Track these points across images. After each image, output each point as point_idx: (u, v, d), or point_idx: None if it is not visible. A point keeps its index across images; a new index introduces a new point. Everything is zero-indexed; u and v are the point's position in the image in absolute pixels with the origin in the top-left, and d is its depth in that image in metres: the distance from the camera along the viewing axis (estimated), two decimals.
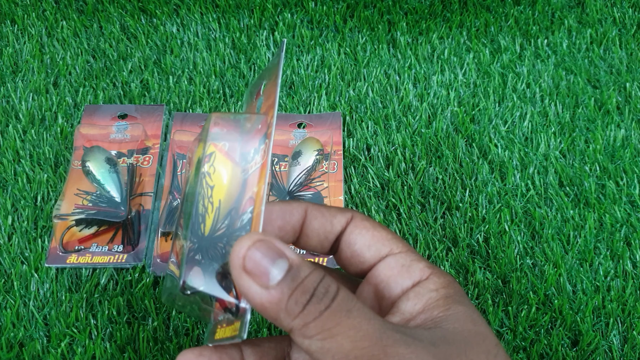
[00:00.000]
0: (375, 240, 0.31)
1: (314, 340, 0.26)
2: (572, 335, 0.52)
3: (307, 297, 0.26)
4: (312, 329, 0.26)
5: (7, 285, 0.53)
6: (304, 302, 0.26)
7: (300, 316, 0.26)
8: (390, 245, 0.31)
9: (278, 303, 0.26)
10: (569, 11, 0.78)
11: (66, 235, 0.55)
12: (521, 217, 0.58)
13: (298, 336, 0.26)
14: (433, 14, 0.77)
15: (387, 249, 0.31)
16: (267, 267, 0.26)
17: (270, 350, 0.31)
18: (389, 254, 0.31)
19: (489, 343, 0.29)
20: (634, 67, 0.72)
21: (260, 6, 0.75)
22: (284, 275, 0.26)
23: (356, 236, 0.31)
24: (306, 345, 0.26)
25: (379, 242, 0.31)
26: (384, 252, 0.31)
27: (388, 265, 0.31)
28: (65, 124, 0.64)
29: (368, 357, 0.26)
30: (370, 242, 0.31)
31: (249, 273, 0.26)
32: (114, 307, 0.52)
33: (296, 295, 0.26)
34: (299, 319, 0.26)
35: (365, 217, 0.32)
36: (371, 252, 0.31)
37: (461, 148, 0.63)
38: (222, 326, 0.29)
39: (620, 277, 0.55)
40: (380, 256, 0.31)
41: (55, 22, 0.74)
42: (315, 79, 0.69)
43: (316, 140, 0.62)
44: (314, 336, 0.26)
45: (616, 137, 0.65)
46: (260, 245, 0.26)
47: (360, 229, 0.32)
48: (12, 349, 0.49)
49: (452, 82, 0.69)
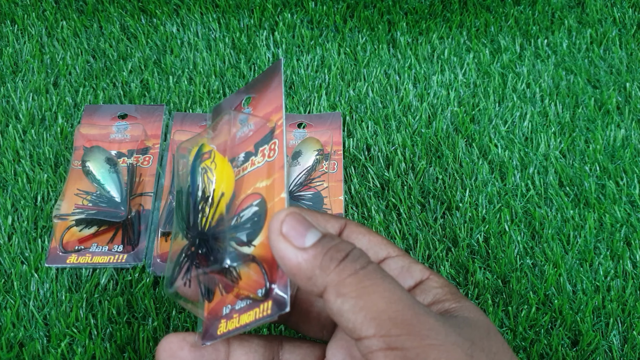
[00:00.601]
0: (372, 244, 0.32)
1: (348, 297, 0.26)
2: (572, 335, 0.52)
3: (342, 255, 0.27)
4: (348, 285, 0.26)
5: (7, 285, 0.53)
6: (339, 259, 0.27)
7: (336, 271, 0.27)
8: (386, 249, 0.32)
9: (313, 260, 0.27)
10: (569, 11, 0.78)
11: (66, 235, 0.55)
12: (521, 217, 0.58)
13: (331, 294, 0.27)
14: (433, 14, 0.77)
15: (384, 252, 0.32)
16: (303, 231, 0.28)
17: (259, 347, 0.31)
18: (387, 257, 0.32)
19: (498, 333, 0.30)
20: (634, 67, 0.72)
21: (260, 6, 0.75)
22: (319, 239, 0.28)
23: (353, 241, 0.32)
24: (338, 304, 0.26)
25: (376, 246, 0.32)
26: (381, 255, 0.32)
27: (388, 267, 0.31)
28: (65, 124, 0.64)
29: (401, 319, 0.26)
30: (368, 246, 0.32)
31: (286, 236, 0.28)
32: (114, 307, 0.52)
33: (331, 252, 0.27)
34: (335, 273, 0.27)
35: (359, 223, 0.33)
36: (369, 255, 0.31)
37: (461, 148, 0.63)
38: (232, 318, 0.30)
39: (620, 277, 0.55)
40: (379, 259, 0.32)
41: (55, 22, 0.74)
42: (315, 79, 0.69)
43: (316, 140, 0.62)
44: (348, 293, 0.26)
45: (616, 137, 0.65)
46: (296, 215, 0.28)
47: (356, 234, 0.32)
48: (12, 349, 0.49)
49: (452, 82, 0.69)
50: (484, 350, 0.27)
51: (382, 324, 0.26)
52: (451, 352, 0.26)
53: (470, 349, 0.27)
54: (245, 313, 0.30)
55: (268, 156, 0.33)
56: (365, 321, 0.26)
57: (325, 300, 0.27)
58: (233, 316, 0.30)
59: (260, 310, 0.29)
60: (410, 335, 0.26)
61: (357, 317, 0.26)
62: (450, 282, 0.54)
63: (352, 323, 0.26)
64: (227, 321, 0.30)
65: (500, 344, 0.28)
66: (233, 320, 0.30)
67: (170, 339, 0.30)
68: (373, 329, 0.26)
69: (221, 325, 0.30)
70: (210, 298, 0.31)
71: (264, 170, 0.33)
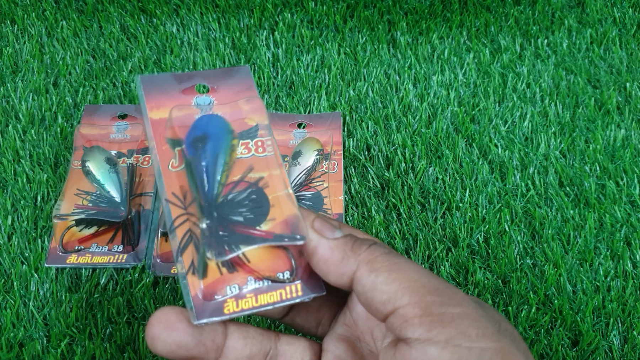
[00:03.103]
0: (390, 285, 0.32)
1: (381, 271, 0.28)
2: (572, 335, 0.52)
3: (369, 243, 0.30)
4: (380, 261, 0.28)
5: (7, 285, 0.53)
6: (368, 245, 0.30)
7: (368, 251, 0.29)
8: None
9: (345, 245, 0.30)
10: (569, 11, 0.78)
11: (66, 235, 0.55)
12: (521, 217, 0.58)
13: (364, 271, 0.28)
14: (433, 14, 0.77)
15: None
16: (331, 228, 0.31)
17: (257, 335, 0.32)
18: None
19: None
20: (634, 67, 0.72)
21: (260, 6, 0.75)
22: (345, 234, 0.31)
23: None
24: (372, 277, 0.28)
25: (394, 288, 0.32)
26: None
27: None
28: (65, 124, 0.64)
29: (434, 287, 0.28)
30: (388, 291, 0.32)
31: (318, 230, 0.31)
32: (113, 307, 0.52)
33: (359, 241, 0.30)
34: (366, 253, 0.29)
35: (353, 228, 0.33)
36: None
37: (461, 148, 0.63)
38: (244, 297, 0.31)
39: (621, 277, 0.55)
40: None
41: (55, 22, 0.74)
42: (315, 79, 0.69)
43: (316, 140, 0.62)
44: (381, 267, 0.28)
45: (616, 137, 0.65)
46: (323, 217, 0.32)
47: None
48: (12, 349, 0.49)
49: (452, 82, 0.69)
50: (507, 332, 0.29)
51: (416, 291, 0.27)
52: (483, 323, 0.27)
53: (496, 326, 0.28)
54: (265, 293, 0.31)
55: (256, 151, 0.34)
56: (400, 289, 0.27)
57: (356, 280, 0.29)
58: (246, 296, 0.31)
59: (287, 292, 0.31)
60: (445, 302, 0.27)
61: (391, 287, 0.27)
62: (450, 282, 0.54)
63: (386, 294, 0.27)
64: (237, 300, 0.30)
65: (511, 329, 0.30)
66: (247, 300, 0.31)
67: (167, 311, 0.29)
68: (408, 297, 0.27)
69: (228, 304, 0.30)
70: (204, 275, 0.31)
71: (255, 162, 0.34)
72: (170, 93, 0.35)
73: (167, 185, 0.32)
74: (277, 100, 0.67)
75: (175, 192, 0.32)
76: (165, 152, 0.33)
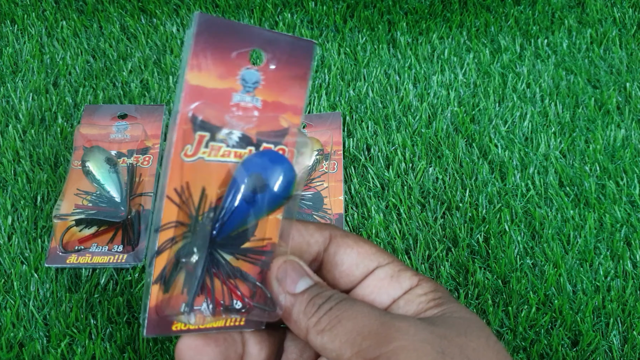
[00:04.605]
0: (362, 257, 0.32)
1: (325, 331, 0.29)
2: (572, 335, 0.52)
3: (322, 300, 0.30)
4: (324, 321, 0.29)
5: (7, 285, 0.53)
6: (320, 304, 0.30)
7: (315, 314, 0.29)
8: (377, 258, 0.32)
9: (299, 306, 0.30)
10: (569, 11, 0.78)
11: (66, 235, 0.55)
12: (521, 217, 0.58)
13: (313, 334, 0.29)
14: (433, 14, 0.77)
15: (374, 263, 0.32)
16: (296, 278, 0.30)
17: (269, 337, 0.33)
18: (377, 267, 0.32)
19: (487, 330, 0.30)
20: (634, 67, 0.72)
21: (260, 6, 0.75)
22: (307, 287, 0.30)
23: (342, 256, 0.32)
24: (319, 340, 0.29)
25: (366, 257, 0.32)
26: (371, 266, 0.32)
27: (377, 277, 0.32)
28: (65, 124, 0.64)
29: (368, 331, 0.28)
30: (357, 260, 0.32)
31: (281, 281, 0.30)
32: (113, 307, 0.52)
33: (314, 300, 0.30)
34: (314, 317, 0.29)
35: (345, 233, 0.33)
36: (359, 269, 0.32)
37: (461, 148, 0.63)
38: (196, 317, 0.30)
39: (621, 277, 0.55)
40: (369, 271, 0.32)
41: (55, 22, 0.74)
42: (315, 79, 0.69)
43: (316, 140, 0.62)
44: (325, 327, 0.29)
45: (616, 137, 0.65)
46: (293, 263, 0.31)
47: (345, 248, 0.32)
48: (12, 349, 0.49)
49: (452, 82, 0.69)
50: (459, 347, 0.28)
51: (354, 342, 0.28)
52: (419, 350, 0.27)
53: (440, 345, 0.27)
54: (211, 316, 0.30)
55: None
56: (342, 345, 0.28)
57: (310, 342, 0.29)
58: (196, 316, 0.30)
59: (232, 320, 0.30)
60: (379, 343, 0.27)
61: (334, 345, 0.28)
62: (450, 282, 0.54)
63: (334, 352, 0.28)
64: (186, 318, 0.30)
65: (484, 341, 0.29)
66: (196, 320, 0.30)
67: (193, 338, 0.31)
68: (349, 350, 0.28)
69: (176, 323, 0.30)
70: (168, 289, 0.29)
71: None
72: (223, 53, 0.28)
73: (172, 177, 0.28)
74: None
75: (178, 188, 0.28)
76: (184, 133, 0.28)
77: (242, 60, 0.28)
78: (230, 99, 0.28)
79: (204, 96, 0.28)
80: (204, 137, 0.28)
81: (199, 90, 0.28)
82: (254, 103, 0.29)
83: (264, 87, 0.29)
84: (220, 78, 0.28)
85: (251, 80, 0.29)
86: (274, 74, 0.29)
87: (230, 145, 0.29)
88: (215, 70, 0.28)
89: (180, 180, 0.28)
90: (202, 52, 0.27)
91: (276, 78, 0.29)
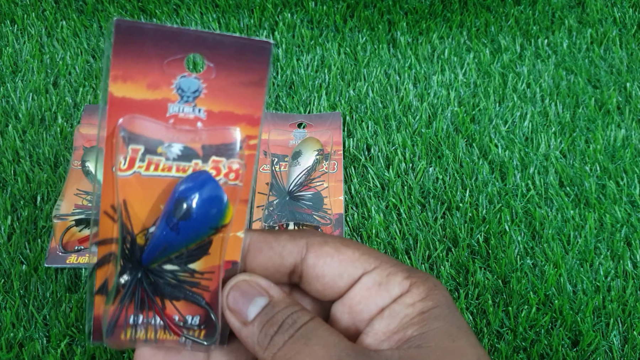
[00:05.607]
0: (345, 265, 0.29)
1: None
2: (573, 335, 0.52)
3: (275, 329, 0.27)
4: (282, 355, 0.27)
5: (7, 285, 0.53)
6: (272, 334, 0.27)
7: (269, 347, 0.27)
8: (362, 265, 0.29)
9: (252, 337, 0.28)
10: (569, 11, 0.78)
11: (66, 235, 0.55)
12: (521, 217, 0.58)
13: None
14: (433, 14, 0.77)
15: (359, 270, 0.29)
16: (246, 303, 0.28)
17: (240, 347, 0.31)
18: (363, 274, 0.29)
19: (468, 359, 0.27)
20: (634, 67, 0.72)
21: (260, 6, 0.75)
22: (260, 311, 0.28)
23: (322, 267, 0.29)
24: None
25: (349, 265, 0.29)
26: (356, 274, 0.29)
27: (364, 285, 0.29)
28: (65, 124, 0.64)
29: None
30: (340, 270, 0.29)
31: (231, 310, 0.28)
32: None
33: (266, 328, 0.28)
34: (268, 350, 0.27)
35: (324, 239, 0.29)
36: (344, 279, 0.29)
37: (461, 148, 0.63)
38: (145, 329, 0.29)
39: (621, 277, 0.55)
40: (354, 279, 0.29)
41: (55, 22, 0.73)
42: (315, 79, 0.69)
43: (316, 140, 0.62)
44: None
45: (616, 137, 0.65)
46: (242, 284, 0.29)
47: (324, 258, 0.29)
48: (12, 349, 0.49)
49: (452, 82, 0.69)
50: None
51: None
52: None
53: None
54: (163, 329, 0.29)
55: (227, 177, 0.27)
56: None
57: None
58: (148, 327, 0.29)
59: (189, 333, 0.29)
60: None
61: None
62: (451, 282, 0.54)
63: None
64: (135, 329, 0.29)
65: None
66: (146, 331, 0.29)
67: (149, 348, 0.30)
68: None
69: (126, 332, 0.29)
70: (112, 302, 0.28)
71: None
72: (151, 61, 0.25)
73: (106, 194, 0.26)
74: (277, 100, 0.67)
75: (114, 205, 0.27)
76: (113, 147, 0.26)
77: (176, 68, 0.26)
78: (166, 110, 0.26)
79: (133, 109, 0.26)
80: (138, 150, 0.26)
81: (126, 103, 0.26)
82: (196, 114, 0.27)
83: (207, 96, 0.26)
84: (149, 88, 0.26)
85: (190, 89, 0.26)
86: (218, 81, 0.26)
87: (170, 158, 0.26)
88: (144, 80, 0.25)
89: (114, 195, 0.27)
90: (124, 61, 0.25)
91: (222, 86, 0.26)
